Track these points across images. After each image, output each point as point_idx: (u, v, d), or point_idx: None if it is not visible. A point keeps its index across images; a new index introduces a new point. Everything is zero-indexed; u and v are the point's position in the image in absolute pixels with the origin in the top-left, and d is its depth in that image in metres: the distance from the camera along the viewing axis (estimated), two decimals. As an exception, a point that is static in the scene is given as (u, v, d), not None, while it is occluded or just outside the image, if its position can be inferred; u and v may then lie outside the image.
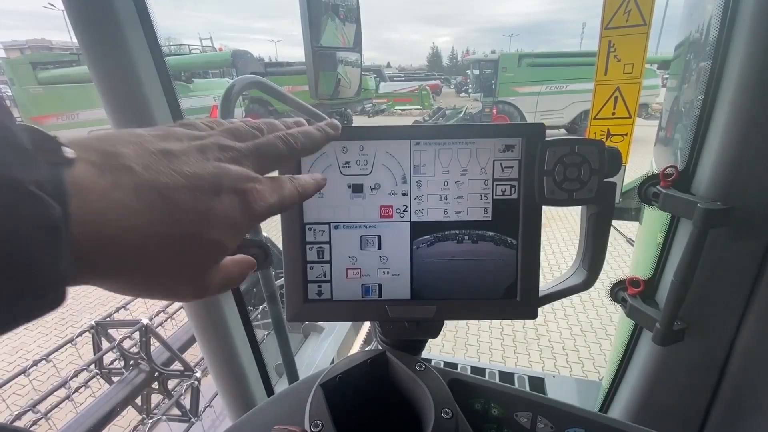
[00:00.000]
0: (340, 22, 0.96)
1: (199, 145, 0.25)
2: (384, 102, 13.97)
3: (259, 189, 0.26)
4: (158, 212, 0.21)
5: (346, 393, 0.42)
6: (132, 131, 0.24)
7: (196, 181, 0.23)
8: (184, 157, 0.23)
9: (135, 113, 0.69)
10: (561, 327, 2.88)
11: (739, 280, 0.54)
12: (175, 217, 0.22)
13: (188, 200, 0.22)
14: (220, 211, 0.23)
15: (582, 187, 0.41)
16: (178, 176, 0.22)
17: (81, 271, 0.19)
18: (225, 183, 0.24)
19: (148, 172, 0.21)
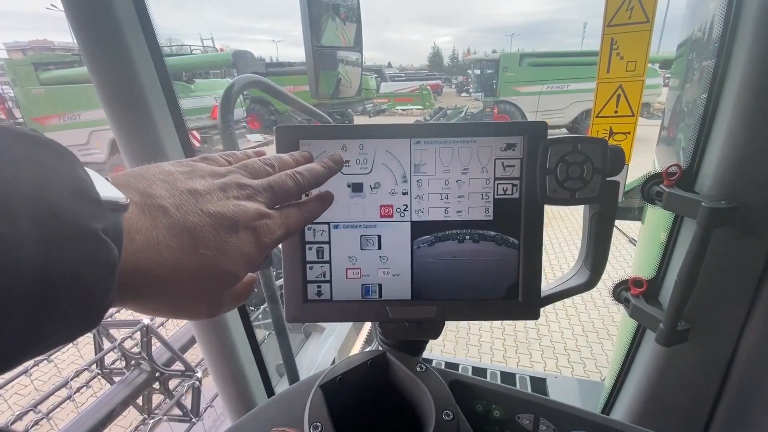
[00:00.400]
0: (340, 21, 0.95)
1: (221, 183, 0.28)
2: (385, 102, 13.96)
3: (269, 224, 0.29)
4: (187, 249, 0.24)
5: (346, 394, 0.42)
6: (161, 168, 0.28)
7: (218, 220, 0.26)
8: (208, 196, 0.27)
9: (134, 114, 0.69)
10: (563, 327, 2.87)
11: (743, 280, 0.54)
12: (199, 252, 0.25)
13: (211, 237, 0.26)
14: (237, 246, 0.27)
15: (584, 186, 0.40)
16: (204, 215, 0.26)
17: (117, 298, 0.22)
18: (241, 221, 0.27)
19: (179, 212, 0.25)
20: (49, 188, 0.18)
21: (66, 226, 0.18)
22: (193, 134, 5.61)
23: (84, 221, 0.19)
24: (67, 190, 0.19)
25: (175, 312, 0.27)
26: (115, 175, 0.25)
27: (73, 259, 0.18)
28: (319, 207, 0.35)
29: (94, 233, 0.19)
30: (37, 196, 0.18)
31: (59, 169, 0.19)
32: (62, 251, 0.18)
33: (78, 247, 0.18)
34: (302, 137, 0.41)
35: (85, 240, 0.19)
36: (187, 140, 0.79)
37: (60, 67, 6.86)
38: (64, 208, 0.18)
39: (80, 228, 0.19)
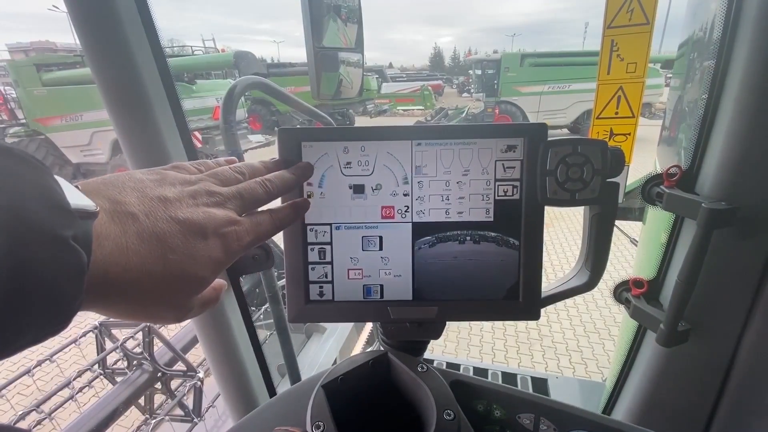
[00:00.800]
0: (341, 22, 0.96)
1: (191, 191, 0.29)
2: (386, 102, 13.97)
3: (238, 230, 0.30)
4: (155, 254, 0.25)
5: (347, 394, 0.42)
6: (132, 176, 0.28)
7: (187, 227, 0.27)
8: (178, 203, 0.28)
9: (137, 114, 0.69)
10: (564, 327, 2.87)
11: (743, 281, 0.54)
12: (168, 258, 0.26)
13: (180, 244, 0.26)
14: (205, 252, 0.28)
15: (585, 188, 0.40)
16: (173, 222, 0.26)
17: (86, 302, 0.22)
18: (210, 227, 0.28)
19: (149, 219, 0.25)
20: (21, 197, 0.19)
21: (36, 234, 0.19)
22: (195, 135, 5.62)
23: (53, 229, 0.19)
24: (38, 199, 0.20)
25: (142, 315, 0.27)
26: (86, 182, 0.26)
27: (42, 265, 0.19)
28: (292, 214, 0.36)
29: (63, 240, 0.20)
30: (9, 204, 0.18)
31: (30, 179, 0.20)
32: (32, 257, 0.18)
33: (47, 253, 0.19)
34: (304, 139, 0.42)
35: (55, 247, 0.19)
36: (189, 141, 0.79)
37: (62, 68, 6.88)
38: (35, 217, 0.19)
39: (50, 235, 0.19)
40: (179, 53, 8.88)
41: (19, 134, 7.04)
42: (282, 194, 0.35)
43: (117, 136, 0.73)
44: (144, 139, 0.72)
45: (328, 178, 0.42)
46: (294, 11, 2.06)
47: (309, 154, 0.42)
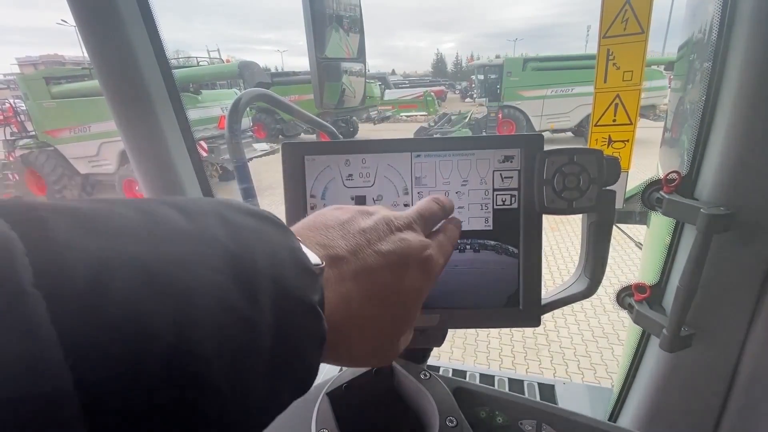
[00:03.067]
0: (344, 32, 0.97)
1: (381, 218, 0.27)
2: (389, 109, 14.03)
3: (433, 255, 0.28)
4: (371, 295, 0.24)
5: (352, 401, 0.43)
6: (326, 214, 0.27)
7: (391, 258, 0.25)
8: (376, 234, 0.26)
9: (144, 125, 0.71)
10: (572, 332, 2.85)
11: (745, 285, 0.54)
12: (382, 296, 0.24)
13: (389, 279, 0.25)
14: (410, 283, 0.26)
15: (581, 196, 0.41)
16: (378, 256, 0.25)
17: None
18: (410, 256, 0.26)
19: (358, 258, 0.24)
20: (279, 264, 0.19)
21: (293, 302, 0.18)
22: (200, 144, 5.69)
23: (306, 295, 0.19)
24: (291, 264, 0.19)
25: (360, 361, 0.26)
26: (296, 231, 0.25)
27: (296, 335, 0.18)
28: (457, 231, 0.34)
29: (313, 308, 0.19)
30: (273, 273, 0.18)
31: (282, 243, 0.20)
32: (289, 329, 0.18)
33: (301, 322, 0.19)
34: (307, 153, 0.43)
35: (307, 315, 0.19)
36: (195, 150, 0.81)
37: (71, 80, 7.01)
38: (292, 284, 0.18)
39: (303, 303, 0.19)
40: (185, 64, 9.01)
41: (29, 146, 7.16)
42: (453, 210, 0.34)
43: (124, 146, 0.75)
44: (151, 149, 0.74)
45: (330, 191, 0.44)
46: (297, 21, 2.09)
47: (312, 168, 0.43)
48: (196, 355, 0.14)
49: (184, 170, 0.80)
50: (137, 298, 0.13)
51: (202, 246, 0.16)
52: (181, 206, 0.17)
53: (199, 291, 0.15)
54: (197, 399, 0.14)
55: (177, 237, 0.16)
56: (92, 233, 0.14)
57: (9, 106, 7.48)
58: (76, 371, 0.11)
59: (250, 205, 0.21)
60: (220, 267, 0.16)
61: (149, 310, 0.13)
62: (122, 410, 0.12)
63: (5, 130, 7.51)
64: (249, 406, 0.16)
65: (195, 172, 0.83)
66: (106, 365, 0.12)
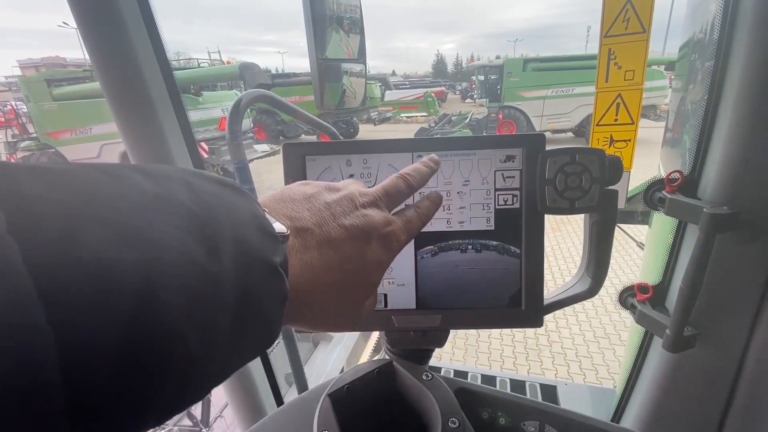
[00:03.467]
0: (344, 33, 0.97)
1: (345, 195, 0.29)
2: (389, 110, 14.04)
3: (395, 230, 0.29)
4: (334, 265, 0.25)
5: (354, 403, 0.43)
6: (293, 189, 0.28)
7: (354, 232, 0.27)
8: (340, 208, 0.27)
9: (144, 126, 0.71)
10: (573, 333, 2.84)
11: (749, 285, 0.54)
12: (344, 267, 0.26)
13: (351, 251, 0.26)
14: (372, 255, 0.27)
15: (584, 196, 0.41)
16: (341, 229, 0.26)
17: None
18: (372, 230, 0.28)
19: (322, 230, 0.26)
20: (241, 226, 0.20)
21: (256, 263, 0.19)
22: (201, 145, 5.70)
23: (267, 257, 0.20)
24: (253, 227, 0.20)
25: (323, 326, 0.28)
26: (263, 202, 0.26)
27: (259, 292, 0.19)
28: (432, 207, 0.35)
29: (275, 268, 0.20)
30: (234, 234, 0.19)
31: (244, 207, 0.21)
32: (251, 285, 0.19)
33: (263, 281, 0.20)
34: (308, 154, 0.43)
35: (269, 274, 0.20)
36: (196, 151, 0.81)
37: (72, 82, 7.03)
38: (253, 245, 0.20)
39: (265, 263, 0.20)
40: (185, 66, 9.03)
41: (30, 148, 7.19)
42: (421, 186, 0.35)
43: (125, 147, 0.75)
44: (151, 151, 0.74)
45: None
46: (298, 22, 2.09)
47: (313, 168, 0.43)
48: (162, 301, 0.15)
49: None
50: (105, 246, 0.14)
51: (166, 206, 0.17)
52: (146, 171, 0.18)
53: (164, 245, 0.16)
54: (163, 343, 0.15)
55: (143, 197, 0.17)
56: (62, 189, 0.14)
57: (10, 108, 7.51)
58: (49, 307, 0.12)
59: (214, 174, 0.22)
60: (184, 225, 0.17)
61: (117, 258, 0.14)
62: (92, 346, 0.13)
63: (7, 132, 7.53)
64: (213, 356, 0.17)
65: (196, 174, 0.83)
66: (77, 302, 0.12)
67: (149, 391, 0.15)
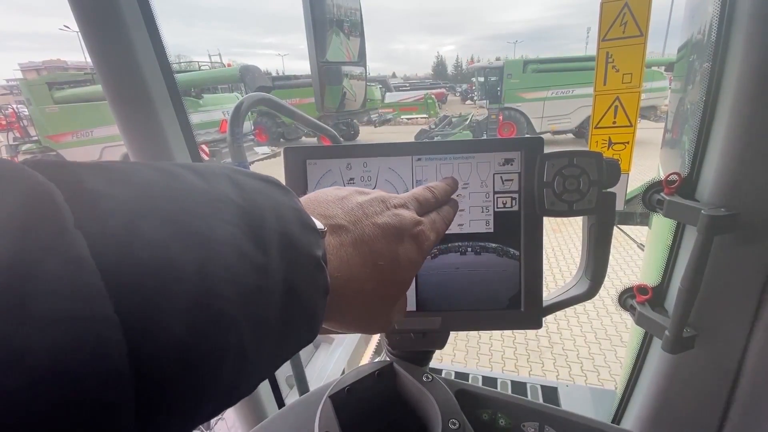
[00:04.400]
0: (344, 36, 0.98)
1: (376, 197, 0.30)
2: (390, 112, 14.05)
3: (424, 230, 0.30)
4: (368, 262, 0.26)
5: (355, 404, 0.43)
6: (325, 192, 0.29)
7: (387, 230, 0.27)
8: (372, 209, 0.28)
9: (146, 129, 0.72)
10: (575, 334, 2.83)
11: (747, 286, 0.54)
12: (378, 264, 0.26)
13: (384, 248, 0.27)
14: (404, 254, 0.28)
15: (582, 198, 0.41)
16: (375, 227, 0.27)
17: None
18: (404, 229, 0.28)
19: (357, 228, 0.26)
20: (285, 220, 0.20)
21: (302, 257, 0.20)
22: (202, 148, 5.70)
23: (312, 251, 0.21)
24: (296, 221, 0.21)
25: (357, 326, 0.28)
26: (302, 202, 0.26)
27: (305, 285, 0.20)
28: (452, 212, 0.36)
29: (317, 261, 0.21)
30: (279, 228, 0.19)
31: (286, 203, 0.21)
32: (297, 278, 0.19)
33: (309, 275, 0.20)
34: (308, 157, 0.43)
35: (313, 267, 0.21)
36: (197, 153, 0.81)
37: (73, 85, 7.05)
38: (298, 239, 0.20)
39: (311, 258, 0.21)
40: (186, 68, 9.05)
41: (31, 150, 7.20)
42: (445, 200, 0.36)
43: (127, 150, 0.75)
44: (153, 153, 0.74)
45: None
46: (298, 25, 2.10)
47: (313, 171, 0.43)
48: (218, 295, 0.15)
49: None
50: (164, 241, 0.15)
51: (216, 201, 0.18)
52: (195, 168, 0.19)
53: (217, 239, 0.16)
54: (221, 334, 0.15)
55: (194, 193, 0.17)
56: (122, 185, 0.15)
57: (12, 111, 7.53)
58: (115, 298, 0.12)
59: (255, 172, 0.22)
60: (233, 220, 0.18)
61: (175, 251, 0.15)
62: (157, 337, 0.13)
63: (8, 135, 7.55)
64: (265, 347, 0.18)
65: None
66: (141, 296, 0.13)
67: (207, 381, 0.15)
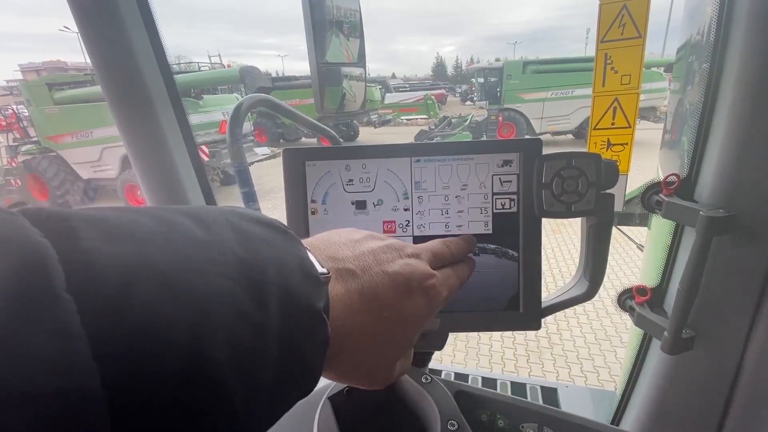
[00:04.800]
0: (344, 37, 0.98)
1: (390, 243, 0.28)
2: (389, 112, 14.07)
3: (436, 285, 0.28)
4: (374, 312, 0.24)
5: (354, 406, 0.43)
6: (337, 233, 0.28)
7: (397, 279, 0.26)
8: (384, 255, 0.27)
9: (146, 130, 0.72)
10: (575, 335, 2.84)
11: (746, 287, 0.54)
12: (383, 315, 0.25)
13: (392, 298, 0.25)
14: (412, 307, 0.26)
15: (580, 200, 0.41)
16: (385, 276, 0.25)
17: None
18: (415, 281, 0.27)
19: (366, 275, 0.25)
20: (287, 272, 0.19)
21: (300, 309, 0.19)
22: (201, 149, 5.71)
23: (312, 302, 0.20)
24: (298, 271, 0.20)
25: (354, 375, 0.26)
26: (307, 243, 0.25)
27: (301, 340, 0.19)
28: (467, 270, 0.35)
29: (318, 313, 0.20)
30: (280, 281, 0.19)
31: (289, 250, 0.21)
32: (295, 333, 0.19)
33: (306, 327, 0.19)
34: (307, 159, 0.43)
35: (312, 320, 0.20)
36: (196, 154, 0.82)
37: (73, 86, 7.05)
38: (298, 291, 0.19)
39: (310, 309, 0.20)
40: (186, 69, 9.06)
41: (31, 151, 7.20)
42: (460, 256, 0.35)
43: (126, 151, 0.75)
44: (152, 154, 0.74)
45: (331, 195, 0.44)
46: (298, 26, 2.10)
47: (312, 173, 0.44)
48: (209, 359, 0.15)
49: (186, 175, 0.81)
50: (158, 303, 0.14)
51: (215, 254, 0.17)
52: (195, 215, 0.18)
53: (214, 298, 0.16)
54: (209, 399, 0.15)
55: (193, 245, 0.17)
56: (118, 240, 0.15)
57: (12, 112, 7.53)
58: (104, 369, 0.12)
59: (260, 214, 0.22)
60: (232, 274, 0.17)
61: (169, 314, 0.14)
62: (144, 408, 0.13)
63: (8, 136, 7.55)
64: (256, 408, 0.17)
65: (197, 177, 0.84)
66: (130, 365, 0.13)
67: None
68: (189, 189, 0.81)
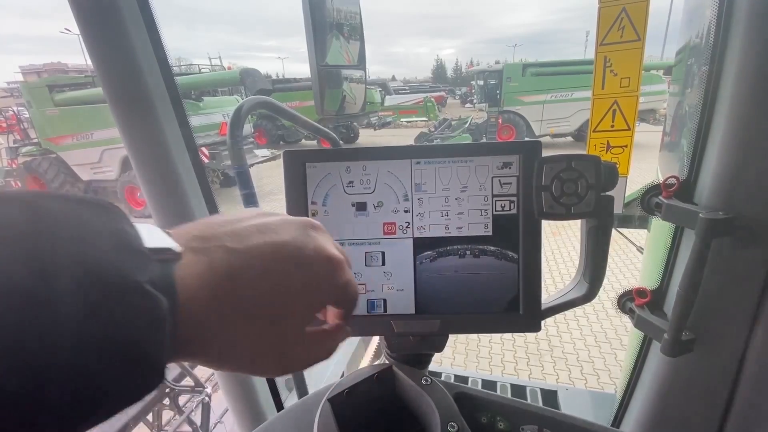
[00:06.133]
0: (344, 40, 0.98)
1: (300, 220, 0.26)
2: (390, 115, 14.09)
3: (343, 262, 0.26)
4: (246, 284, 0.22)
5: (354, 407, 0.43)
6: (234, 214, 0.26)
7: (285, 248, 0.24)
8: (278, 229, 0.25)
9: (146, 132, 0.72)
10: (574, 337, 2.83)
11: (746, 289, 0.54)
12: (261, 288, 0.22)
13: (276, 267, 0.23)
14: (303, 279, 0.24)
15: (580, 202, 0.41)
16: (267, 246, 0.23)
17: (178, 352, 0.20)
18: (310, 249, 0.25)
19: (240, 243, 0.23)
20: (91, 245, 0.18)
21: (109, 283, 0.17)
22: (202, 151, 5.71)
23: (127, 274, 0.18)
24: (110, 245, 0.18)
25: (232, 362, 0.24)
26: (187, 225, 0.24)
27: (118, 315, 0.17)
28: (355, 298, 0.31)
29: (137, 286, 0.18)
30: (79, 255, 0.17)
31: (101, 226, 0.19)
32: (106, 308, 0.17)
33: (122, 302, 0.18)
34: (308, 161, 0.43)
35: (130, 294, 0.18)
36: (197, 156, 0.82)
37: (74, 88, 7.06)
38: (107, 264, 0.18)
39: (124, 283, 0.18)
40: (187, 71, 9.08)
41: (32, 153, 7.21)
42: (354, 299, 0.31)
43: (127, 152, 0.75)
44: (153, 155, 0.74)
45: (331, 197, 0.44)
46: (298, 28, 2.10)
47: (313, 175, 0.44)
48: None
49: (187, 176, 0.81)
50: None
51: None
52: None
53: None
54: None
55: None
56: None
57: (12, 114, 7.54)
58: None
59: (79, 195, 0.20)
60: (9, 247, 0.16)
61: None
62: None
63: (8, 137, 7.55)
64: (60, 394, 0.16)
65: (197, 178, 0.84)
66: None
67: None
68: (189, 191, 0.81)
